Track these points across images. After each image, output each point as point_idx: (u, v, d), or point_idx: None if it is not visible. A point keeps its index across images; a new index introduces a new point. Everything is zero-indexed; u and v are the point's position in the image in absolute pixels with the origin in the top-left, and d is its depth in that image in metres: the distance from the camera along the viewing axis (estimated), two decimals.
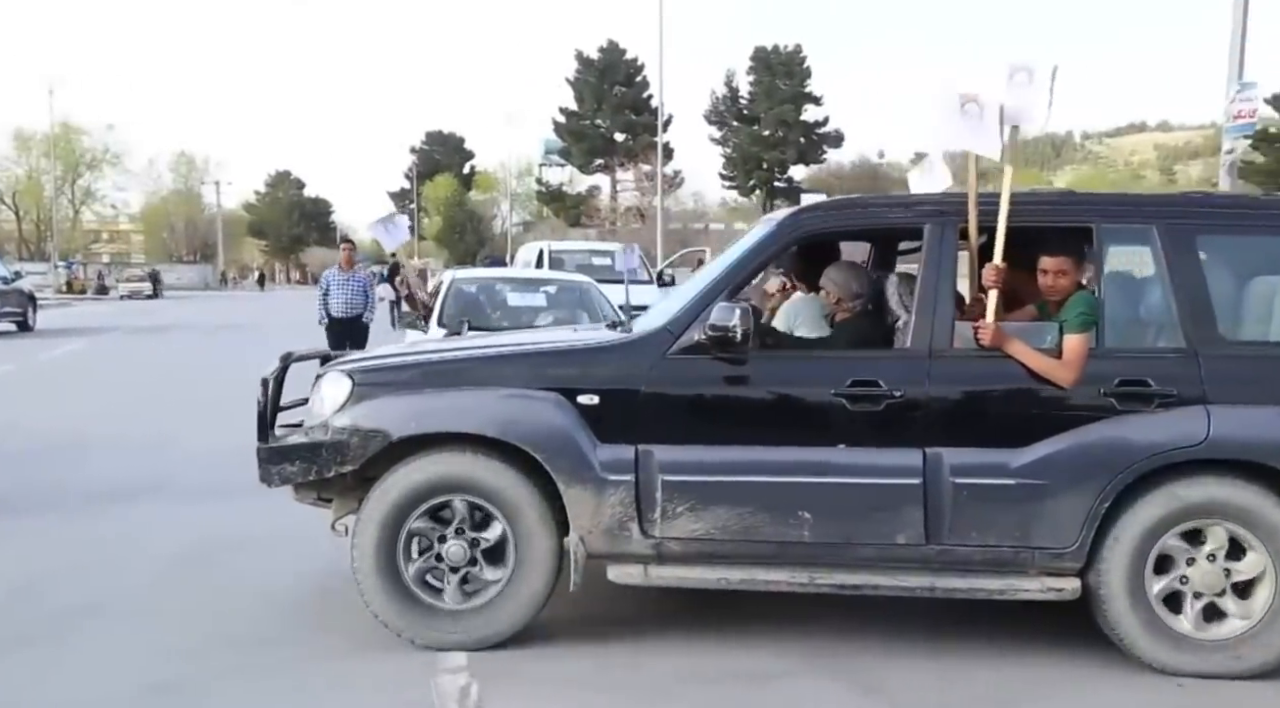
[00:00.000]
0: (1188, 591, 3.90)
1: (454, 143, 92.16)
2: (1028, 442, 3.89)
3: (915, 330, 4.04)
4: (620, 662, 4.05)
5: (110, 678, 3.85)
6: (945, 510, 3.89)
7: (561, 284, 9.75)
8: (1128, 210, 4.24)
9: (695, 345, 4.01)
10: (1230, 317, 4.03)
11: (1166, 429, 3.83)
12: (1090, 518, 3.84)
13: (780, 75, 68.23)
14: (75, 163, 75.45)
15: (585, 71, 72.05)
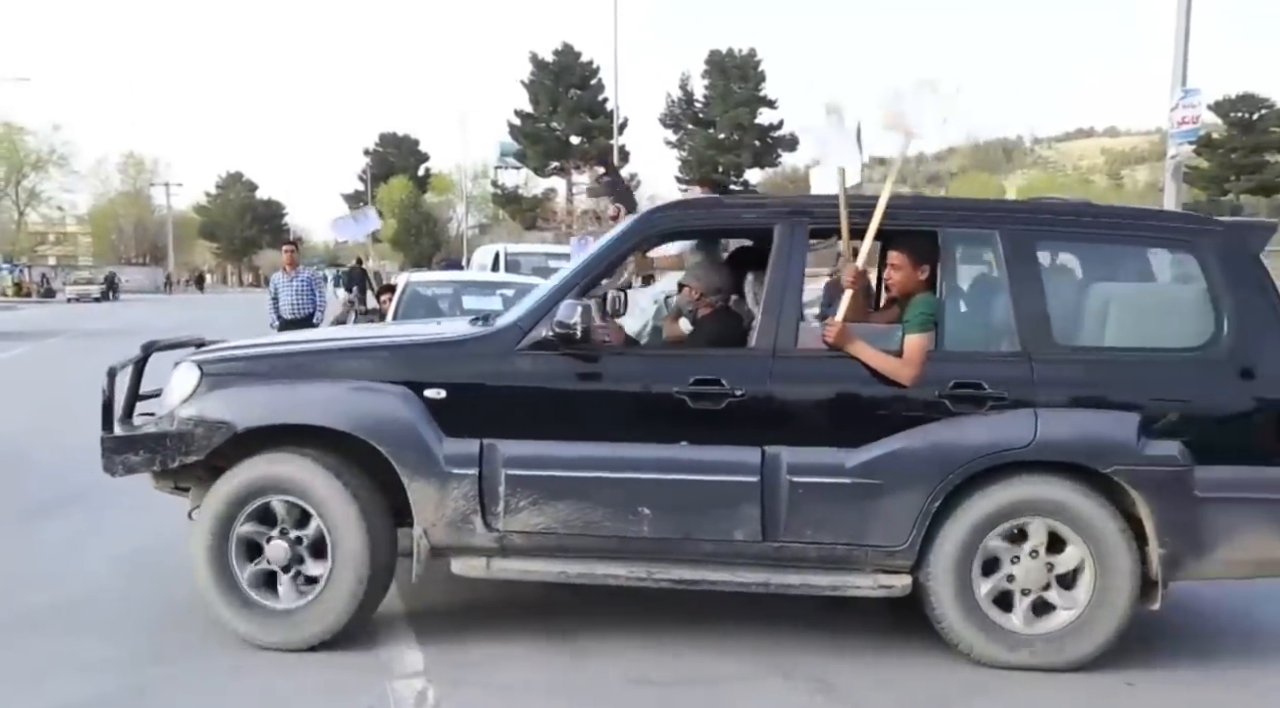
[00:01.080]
0: (1015, 588, 3.99)
1: (408, 145, 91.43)
2: (864, 442, 3.96)
3: (760, 330, 4.10)
4: (569, 667, 4.06)
5: (49, 693, 3.79)
6: (781, 508, 3.95)
7: (519, 287, 9.72)
8: (972, 216, 4.32)
9: (542, 342, 4.05)
10: (1065, 322, 4.10)
11: (996, 431, 3.91)
12: (921, 517, 3.91)
13: (735, 78, 68.55)
14: (20, 164, 73.70)
15: (540, 74, 71.85)
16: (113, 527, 6.03)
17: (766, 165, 72.22)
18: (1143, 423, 3.87)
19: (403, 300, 8.63)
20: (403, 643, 4.23)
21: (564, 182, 72.28)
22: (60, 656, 4.12)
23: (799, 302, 4.16)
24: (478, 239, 61.78)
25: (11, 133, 69.60)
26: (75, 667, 4.01)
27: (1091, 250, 4.32)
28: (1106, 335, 4.13)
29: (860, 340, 4.02)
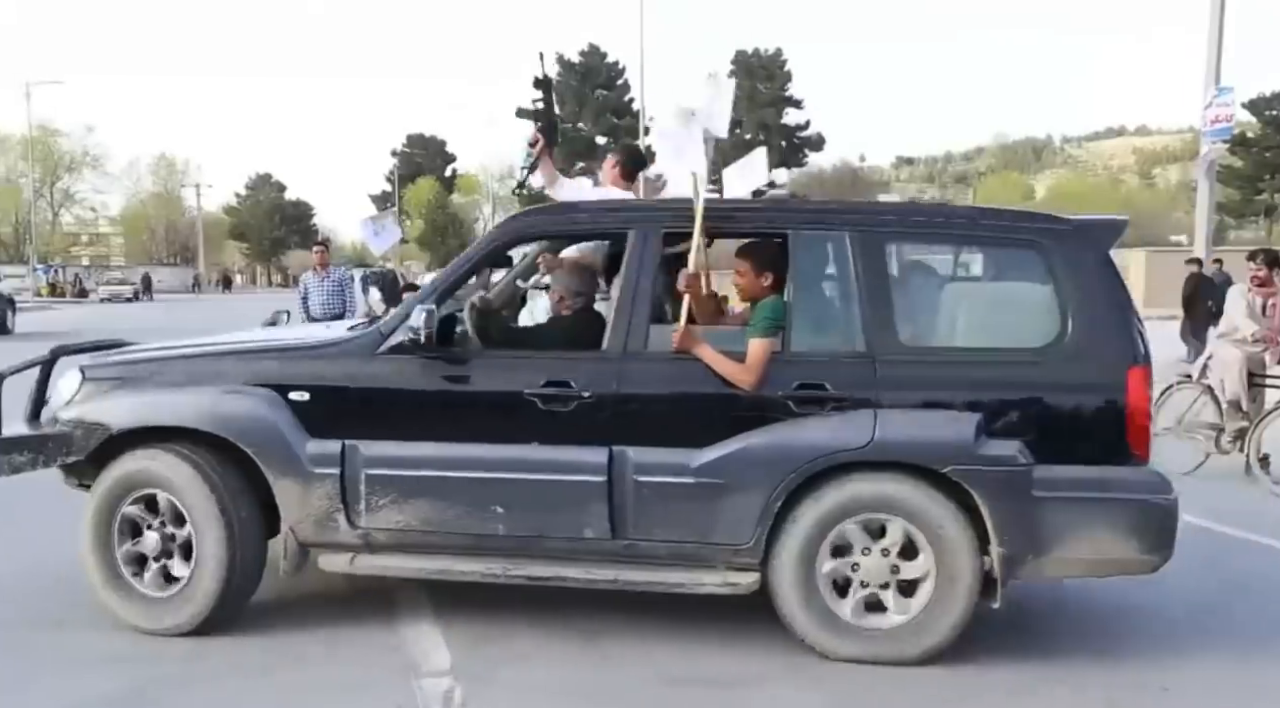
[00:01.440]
0: (855, 579, 4.02)
1: (435, 146, 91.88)
2: (710, 442, 3.99)
3: (612, 332, 4.16)
4: (596, 667, 4.05)
5: (76, 686, 3.83)
6: (629, 507, 4.02)
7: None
8: (820, 219, 4.30)
9: (399, 346, 4.17)
10: (910, 323, 4.12)
11: (835, 432, 3.94)
12: (764, 516, 3.95)
13: (761, 79, 68.47)
14: (54, 165, 74.82)
15: (567, 75, 71.99)
16: None
17: (793, 165, 71.93)
18: (982, 423, 3.87)
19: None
20: (429, 641, 4.24)
21: (590, 182, 72.57)
22: (88, 650, 4.17)
23: (650, 305, 4.21)
24: None
25: (46, 135, 70.59)
26: (103, 660, 4.05)
27: (939, 251, 4.37)
28: (950, 336, 4.18)
29: (705, 344, 4.07)
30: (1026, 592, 4.59)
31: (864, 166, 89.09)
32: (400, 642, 4.24)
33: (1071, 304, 3.96)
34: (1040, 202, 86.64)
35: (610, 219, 4.52)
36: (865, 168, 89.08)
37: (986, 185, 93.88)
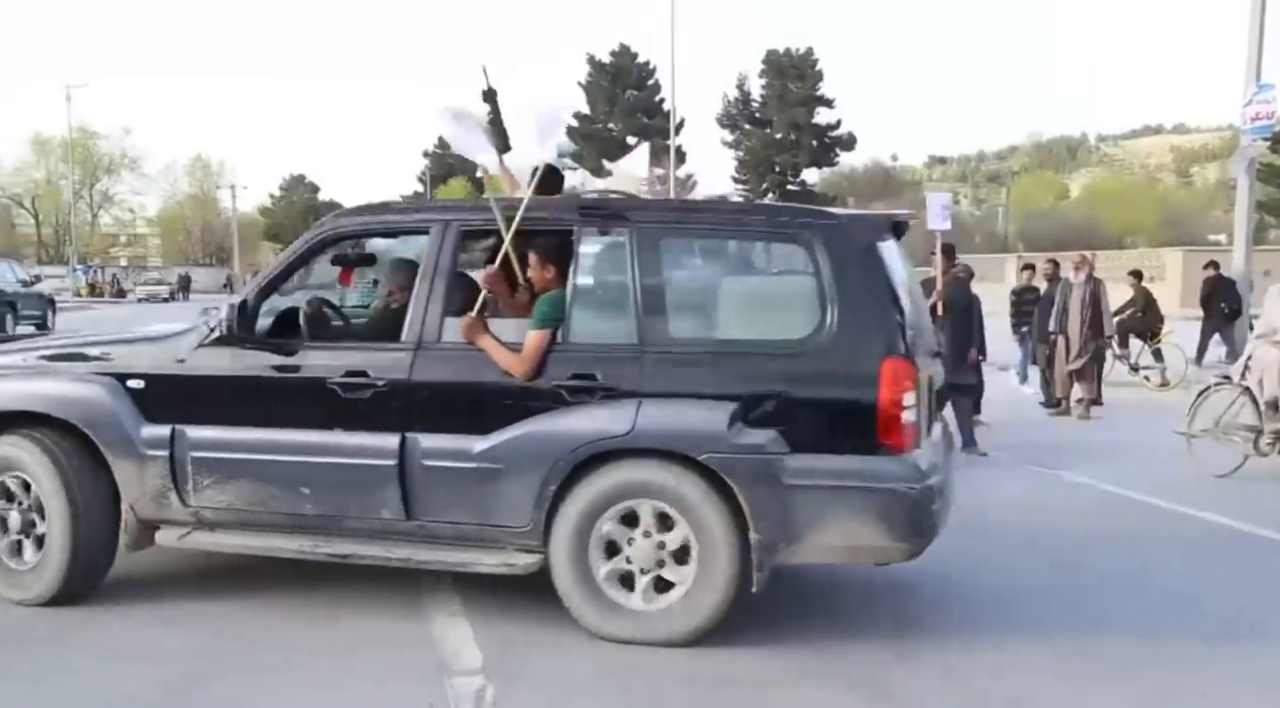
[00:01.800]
0: (635, 568, 4.16)
1: None
2: (491, 429, 4.20)
3: (409, 324, 4.42)
4: (627, 665, 4.04)
5: (111, 681, 3.89)
6: (418, 490, 4.27)
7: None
8: (602, 214, 4.46)
9: (220, 338, 4.54)
10: (680, 316, 4.27)
11: (600, 421, 4.11)
12: (540, 500, 4.14)
13: (792, 78, 68.14)
14: (93, 167, 75.91)
15: (597, 75, 72.06)
16: None
17: (824, 165, 71.68)
18: (738, 413, 3.99)
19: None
20: (461, 639, 4.26)
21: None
22: (122, 643, 4.24)
23: (445, 298, 4.42)
24: None
25: (85, 138, 71.64)
26: (136, 657, 4.10)
27: (714, 245, 4.54)
28: (717, 329, 4.31)
29: (487, 335, 4.30)
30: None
31: (896, 166, 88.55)
32: (432, 640, 4.26)
33: (832, 297, 4.06)
34: (1075, 201, 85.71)
35: (415, 217, 4.87)
36: (897, 167, 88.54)
37: (1020, 184, 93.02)
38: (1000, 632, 4.44)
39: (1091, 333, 10.75)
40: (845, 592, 5.00)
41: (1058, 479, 7.78)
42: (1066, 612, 4.73)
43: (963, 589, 5.06)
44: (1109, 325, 11.10)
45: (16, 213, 77.20)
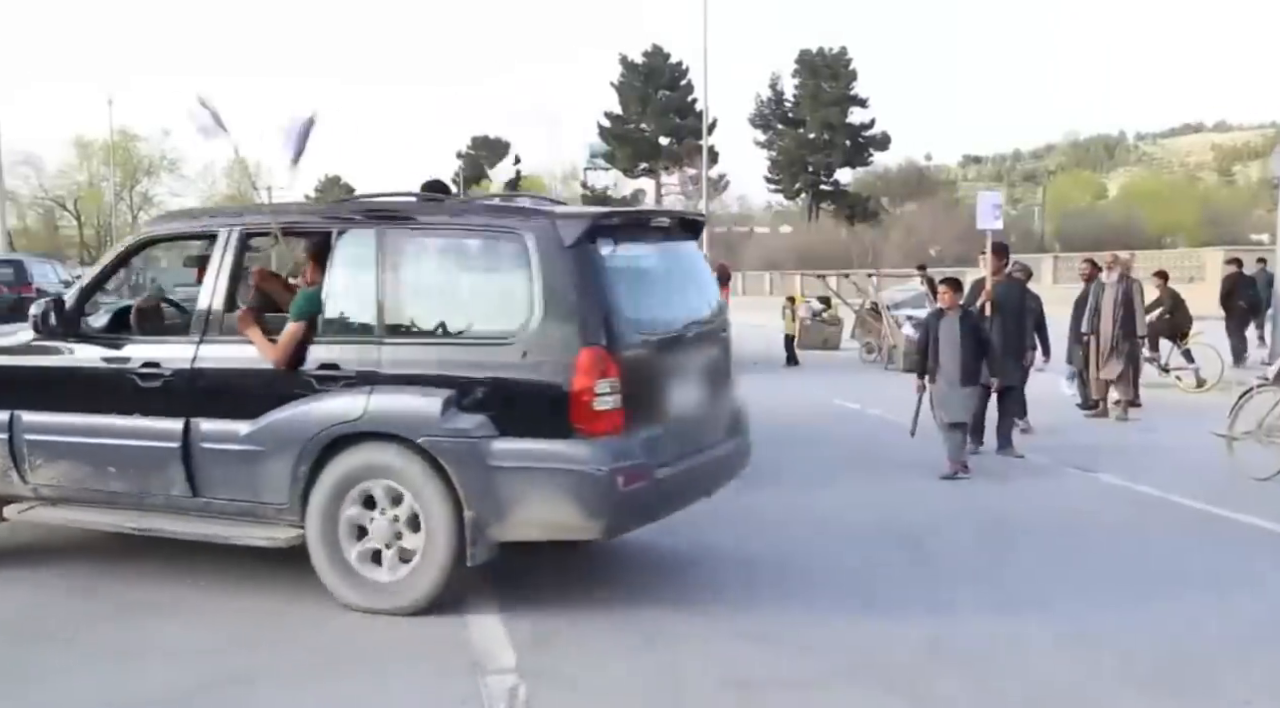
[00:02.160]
0: (377, 545, 4.51)
1: (499, 147, 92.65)
2: (257, 414, 4.62)
3: (195, 318, 4.98)
4: (662, 665, 4.06)
5: (147, 677, 3.94)
6: (200, 470, 4.76)
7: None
8: (355, 217, 4.91)
9: (46, 332, 5.06)
10: (412, 310, 4.63)
11: (339, 407, 4.51)
12: (294, 480, 4.55)
13: (825, 78, 67.78)
14: (133, 169, 76.93)
15: (630, 75, 72.07)
16: None
17: (858, 165, 71.23)
18: (452, 399, 4.33)
19: None
20: (494, 639, 4.29)
21: (653, 182, 72.59)
22: (147, 642, 4.30)
23: (227, 294, 4.92)
24: None
25: (126, 140, 72.71)
26: (169, 653, 4.17)
27: (446, 244, 4.81)
28: (441, 322, 4.61)
29: (255, 327, 4.76)
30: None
31: (930, 166, 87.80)
32: (465, 639, 4.29)
33: (539, 291, 4.36)
34: (1113, 200, 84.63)
35: (209, 221, 5.41)
36: (931, 167, 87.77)
37: (1056, 184, 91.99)
38: (1035, 634, 4.40)
39: (1123, 333, 10.60)
40: (879, 590, 4.97)
41: (1095, 482, 7.68)
42: (1100, 615, 4.68)
43: (995, 590, 5.01)
44: (1142, 325, 10.92)
45: (59, 215, 78.45)
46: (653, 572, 5.28)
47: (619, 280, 4.59)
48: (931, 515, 6.58)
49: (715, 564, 5.41)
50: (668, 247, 5.29)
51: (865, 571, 5.35)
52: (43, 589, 4.99)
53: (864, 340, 18.00)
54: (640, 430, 4.44)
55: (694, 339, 5.13)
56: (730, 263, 28.45)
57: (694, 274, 5.50)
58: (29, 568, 5.30)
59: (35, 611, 4.73)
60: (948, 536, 6.12)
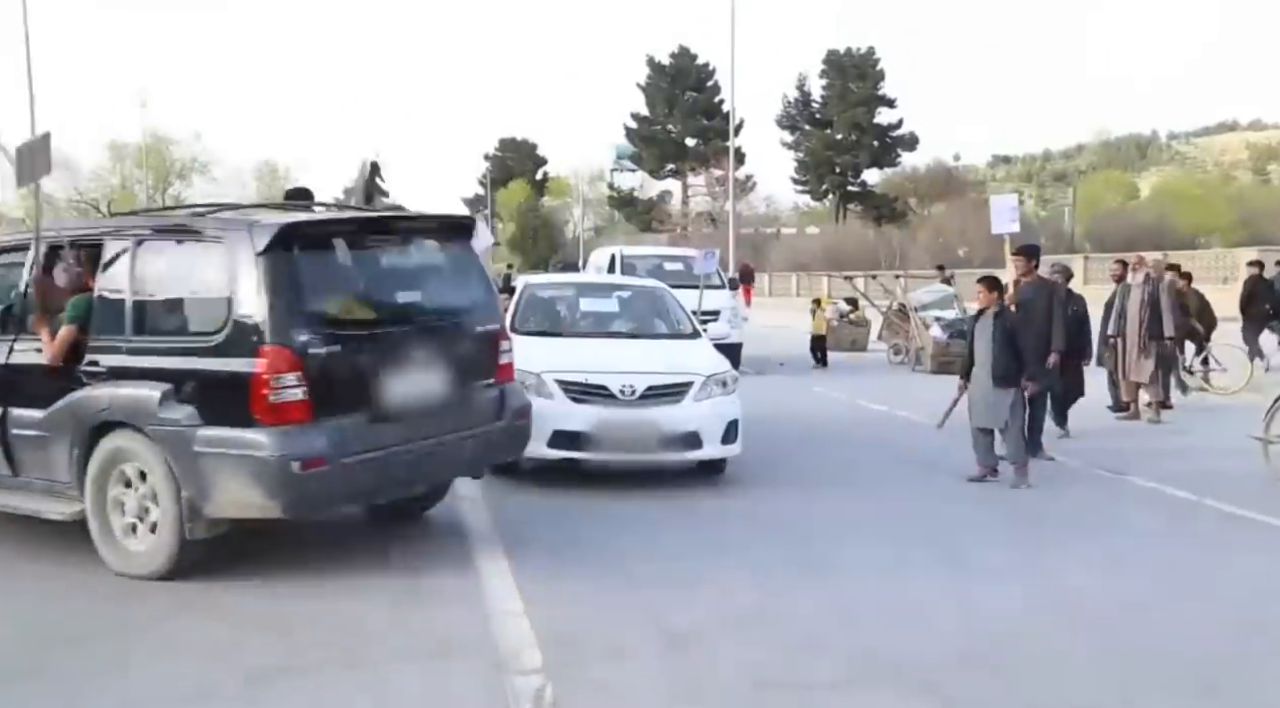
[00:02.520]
0: (134, 519, 5.08)
1: (527, 149, 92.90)
2: (48, 405, 5.27)
3: (14, 320, 5.58)
4: (689, 666, 4.06)
5: (185, 673, 3.98)
6: (14, 452, 5.48)
7: (635, 289, 9.79)
8: (114, 228, 5.53)
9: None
10: (149, 313, 5.21)
11: (95, 398, 5.16)
12: (71, 462, 5.20)
13: (853, 78, 67.51)
14: (166, 172, 77.89)
15: (656, 77, 72.09)
16: None
17: (885, 165, 70.87)
18: (170, 392, 4.89)
19: (520, 303, 8.71)
20: (520, 639, 4.29)
21: (679, 184, 72.55)
22: (181, 638, 4.34)
23: (36, 298, 5.48)
24: (594, 241, 62.32)
25: (159, 143, 73.65)
26: (193, 650, 4.20)
27: (178, 252, 5.25)
28: (169, 322, 5.24)
29: (45, 329, 5.37)
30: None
31: (959, 166, 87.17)
32: (491, 639, 4.30)
33: (235, 293, 4.87)
34: (1145, 201, 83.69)
35: (22, 237, 5.92)
36: (960, 167, 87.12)
37: (1087, 184, 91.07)
38: (1064, 637, 4.36)
39: (1149, 335, 10.48)
40: (907, 591, 4.95)
41: (1126, 485, 7.60)
42: (1131, 619, 4.63)
43: (1023, 592, 4.97)
44: (1169, 326, 10.75)
45: (94, 217, 79.47)
46: (680, 573, 5.28)
47: (317, 282, 5.09)
48: (958, 517, 6.53)
49: (741, 565, 5.40)
50: (414, 247, 5.88)
51: (892, 571, 5.32)
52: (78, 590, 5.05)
53: (892, 342, 17.90)
54: (328, 421, 4.91)
55: (421, 335, 5.47)
56: (755, 264, 28.41)
57: (445, 273, 5.98)
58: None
59: (76, 613, 4.79)
60: (974, 537, 6.08)
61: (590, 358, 7.43)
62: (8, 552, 5.61)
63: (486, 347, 5.85)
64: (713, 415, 7.15)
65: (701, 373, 7.29)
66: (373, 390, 5.09)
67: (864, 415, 11.34)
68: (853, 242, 59.06)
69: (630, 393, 7.04)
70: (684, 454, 7.21)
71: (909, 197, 70.29)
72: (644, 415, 7.02)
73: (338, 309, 5.11)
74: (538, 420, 6.34)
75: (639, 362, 7.46)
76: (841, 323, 19.92)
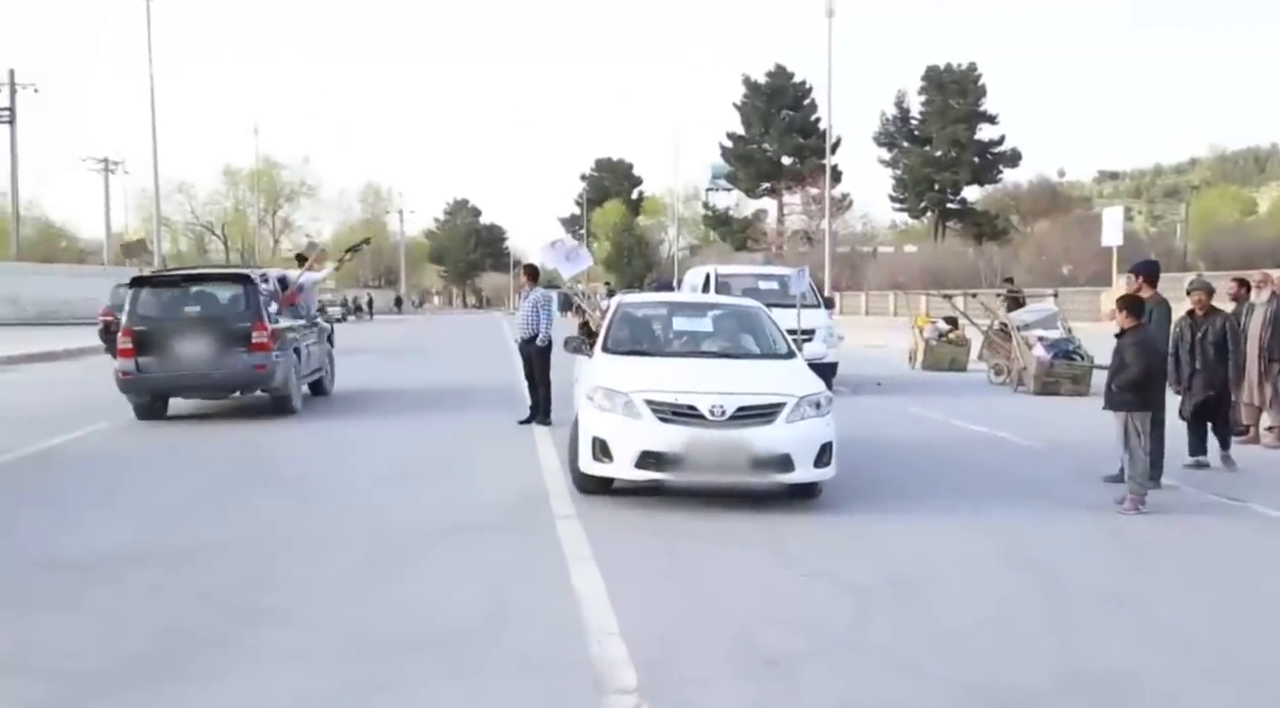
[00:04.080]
0: None
1: (622, 169, 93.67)
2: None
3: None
4: (779, 692, 3.99)
5: (260, 686, 4.10)
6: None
7: (730, 308, 9.72)
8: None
9: None
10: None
11: None
12: None
13: (953, 94, 66.46)
14: (275, 195, 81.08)
15: (752, 96, 72.09)
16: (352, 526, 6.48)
17: (986, 182, 69.50)
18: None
19: (613, 322, 8.69)
20: (616, 658, 4.29)
21: (775, 202, 72.31)
22: (281, 646, 4.43)
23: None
24: (688, 260, 62.41)
25: (270, 168, 76.71)
26: (300, 659, 4.29)
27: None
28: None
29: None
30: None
31: (1063, 182, 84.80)
32: (586, 657, 4.31)
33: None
34: (1264, 216, 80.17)
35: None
36: (1064, 183, 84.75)
37: (1201, 199, 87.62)
38: (1176, 668, 4.18)
39: (1270, 357, 10.01)
40: (1007, 617, 4.81)
41: (1245, 512, 7.25)
42: (1249, 654, 4.40)
43: (1131, 622, 4.78)
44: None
45: (209, 239, 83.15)
46: (773, 595, 5.22)
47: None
48: (1064, 542, 6.32)
49: (836, 589, 5.32)
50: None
51: (994, 597, 5.17)
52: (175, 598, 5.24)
53: (993, 362, 17.46)
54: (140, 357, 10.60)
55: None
56: (852, 282, 28.03)
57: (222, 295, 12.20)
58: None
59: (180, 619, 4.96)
60: (1082, 564, 5.87)
61: (681, 378, 7.36)
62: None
63: (241, 333, 11.59)
64: (806, 438, 6.98)
65: (795, 394, 7.15)
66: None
67: (962, 436, 11.07)
68: (952, 260, 57.95)
69: (720, 413, 6.89)
70: (775, 477, 7.07)
71: (1010, 213, 68.71)
72: (734, 436, 6.86)
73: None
74: (624, 441, 6.53)
75: (730, 382, 7.33)
76: (940, 342, 19.54)
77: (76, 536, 6.32)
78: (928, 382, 16.85)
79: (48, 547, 6.05)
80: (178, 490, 7.82)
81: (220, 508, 7.18)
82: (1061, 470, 7.57)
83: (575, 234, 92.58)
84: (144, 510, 7.08)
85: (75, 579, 5.41)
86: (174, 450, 9.87)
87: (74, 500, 7.46)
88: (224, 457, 9.45)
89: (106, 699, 3.89)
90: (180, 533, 6.43)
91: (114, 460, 9.32)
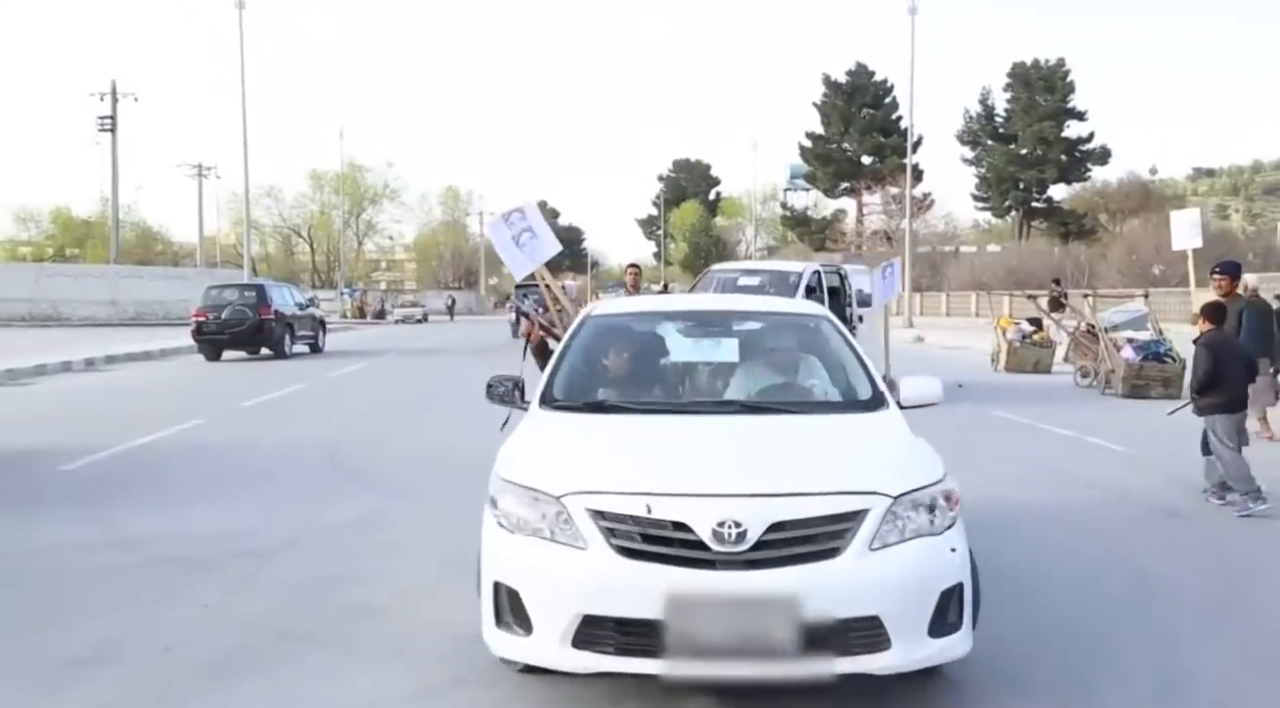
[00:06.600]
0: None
1: (700, 169, 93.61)
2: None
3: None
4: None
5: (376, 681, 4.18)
6: None
7: (770, 318, 5.71)
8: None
9: None
10: None
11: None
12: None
13: (1040, 91, 64.94)
14: (360, 198, 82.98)
15: (832, 95, 71.44)
16: (437, 527, 6.61)
17: (1074, 181, 67.74)
18: None
19: (567, 348, 6.06)
20: None
21: (854, 202, 71.51)
22: (339, 655, 4.50)
23: None
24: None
25: (355, 171, 78.56)
26: (353, 663, 4.35)
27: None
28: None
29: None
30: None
31: (1155, 180, 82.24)
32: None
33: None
34: None
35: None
36: (1156, 181, 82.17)
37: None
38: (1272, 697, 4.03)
39: None
40: (1103, 630, 4.69)
41: None
42: None
43: (1233, 641, 4.63)
44: None
45: (295, 241, 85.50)
46: None
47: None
48: (1155, 546, 6.14)
49: None
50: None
51: (1085, 603, 5.05)
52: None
53: (1079, 364, 17.01)
54: None
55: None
56: (934, 282, 27.59)
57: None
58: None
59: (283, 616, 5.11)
60: (1172, 570, 5.70)
61: (664, 460, 3.89)
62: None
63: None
64: (910, 578, 3.50)
65: (885, 489, 3.61)
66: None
67: (1049, 439, 10.81)
68: (1036, 259, 56.56)
69: (735, 537, 3.41)
70: (850, 661, 3.43)
71: (1099, 212, 66.88)
72: (763, 583, 3.40)
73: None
74: (550, 594, 3.53)
75: (756, 466, 3.80)
76: (1024, 344, 19.12)
77: (179, 526, 6.56)
78: (1012, 384, 16.47)
79: (145, 539, 6.29)
80: (270, 485, 8.05)
81: (313, 501, 7.37)
82: (1150, 475, 7.34)
83: (652, 235, 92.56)
84: (242, 503, 7.31)
85: (174, 571, 5.62)
86: (252, 446, 10.16)
87: (174, 492, 7.73)
88: (310, 456, 9.70)
89: (206, 693, 4.04)
90: (272, 526, 6.62)
91: (214, 452, 9.65)
